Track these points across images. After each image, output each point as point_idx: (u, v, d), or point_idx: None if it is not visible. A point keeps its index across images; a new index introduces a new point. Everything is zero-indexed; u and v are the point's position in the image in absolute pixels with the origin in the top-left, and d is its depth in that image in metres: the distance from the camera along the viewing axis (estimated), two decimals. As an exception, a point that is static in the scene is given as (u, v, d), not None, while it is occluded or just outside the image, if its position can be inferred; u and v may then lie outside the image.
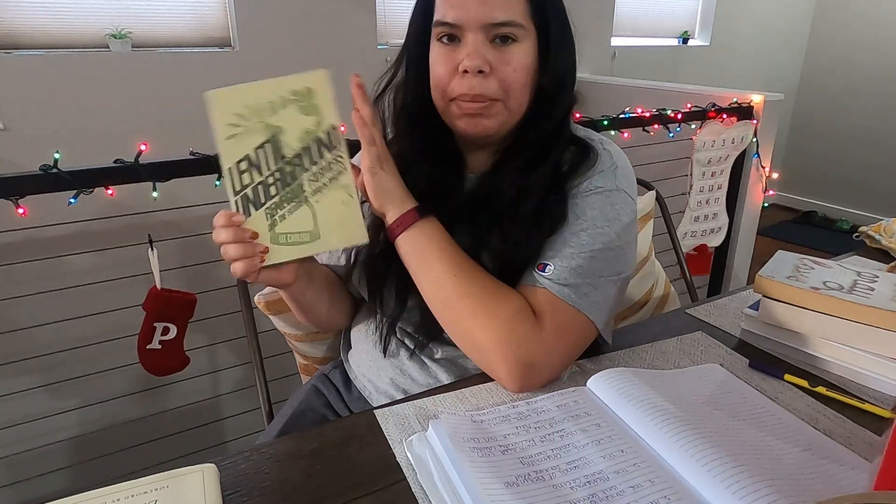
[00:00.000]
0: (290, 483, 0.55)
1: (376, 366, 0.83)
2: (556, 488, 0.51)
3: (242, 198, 0.67)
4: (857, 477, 0.53)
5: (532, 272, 0.69)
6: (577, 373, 0.71)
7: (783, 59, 4.05)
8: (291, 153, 0.67)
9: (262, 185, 0.67)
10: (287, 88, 0.67)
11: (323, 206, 0.68)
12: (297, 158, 0.67)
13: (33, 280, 1.63)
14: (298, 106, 0.67)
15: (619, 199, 0.72)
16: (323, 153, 0.68)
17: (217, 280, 1.62)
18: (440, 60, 0.71)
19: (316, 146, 0.67)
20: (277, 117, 0.67)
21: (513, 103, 0.72)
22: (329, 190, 0.68)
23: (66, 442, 1.85)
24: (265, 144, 0.67)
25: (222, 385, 2.07)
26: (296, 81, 0.68)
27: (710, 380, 0.69)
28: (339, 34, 2.26)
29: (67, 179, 1.13)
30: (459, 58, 0.69)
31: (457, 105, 0.71)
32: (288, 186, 0.67)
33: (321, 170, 0.68)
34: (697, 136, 1.93)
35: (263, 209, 0.67)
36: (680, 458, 0.53)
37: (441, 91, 0.72)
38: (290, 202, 0.68)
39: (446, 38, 0.71)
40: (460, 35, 0.70)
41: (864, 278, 0.76)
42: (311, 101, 0.67)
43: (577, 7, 0.81)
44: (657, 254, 1.36)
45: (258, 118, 0.67)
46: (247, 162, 0.67)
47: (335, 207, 0.68)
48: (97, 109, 1.92)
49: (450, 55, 0.70)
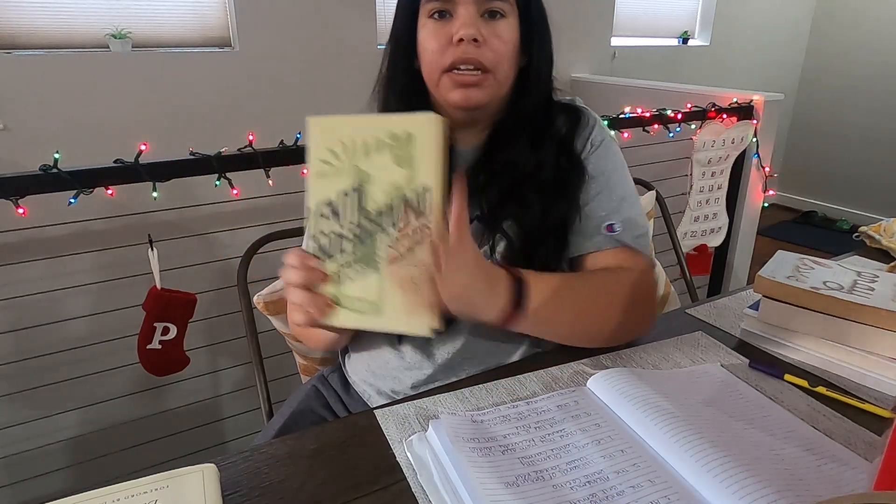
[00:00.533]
0: (290, 483, 0.55)
1: (374, 372, 0.82)
2: (556, 488, 0.51)
3: (315, 243, 0.62)
4: (857, 477, 0.53)
5: (603, 234, 0.77)
6: (577, 373, 0.71)
7: (783, 59, 4.05)
8: (374, 208, 0.60)
9: (337, 236, 0.61)
10: (387, 130, 0.59)
11: (393, 281, 0.60)
12: (379, 216, 0.60)
13: (33, 280, 1.63)
14: (393, 153, 0.58)
15: (615, 146, 0.82)
16: (408, 217, 0.59)
17: (217, 280, 1.63)
18: (433, 35, 0.73)
19: (401, 206, 0.59)
20: (369, 162, 0.59)
21: (501, 76, 0.75)
22: (404, 263, 0.59)
23: (66, 442, 1.85)
24: (350, 192, 0.60)
25: (222, 385, 2.07)
26: (399, 123, 0.59)
27: (710, 380, 0.69)
28: (339, 34, 2.26)
29: (67, 179, 1.13)
30: (453, 29, 0.72)
31: (450, 77, 0.74)
32: (363, 245, 0.60)
33: (403, 237, 0.59)
34: (697, 136, 1.93)
35: (336, 264, 0.62)
36: (680, 458, 0.53)
37: (434, 63, 0.74)
38: (360, 263, 0.60)
39: (437, 14, 0.73)
40: (452, 10, 0.73)
41: (864, 278, 0.76)
42: (409, 150, 0.58)
43: (577, 7, 0.82)
44: (657, 254, 1.36)
45: (350, 159, 0.60)
46: (329, 207, 0.61)
47: (406, 290, 0.60)
48: (97, 109, 1.92)
49: (442, 28, 0.73)
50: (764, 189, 2.15)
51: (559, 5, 0.80)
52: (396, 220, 0.59)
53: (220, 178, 1.29)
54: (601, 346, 0.75)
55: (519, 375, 0.71)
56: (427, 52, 0.74)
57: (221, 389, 2.06)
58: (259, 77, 2.15)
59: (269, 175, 1.34)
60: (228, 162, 1.29)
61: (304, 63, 2.18)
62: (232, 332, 1.53)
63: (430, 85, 0.77)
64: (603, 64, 3.06)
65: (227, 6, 2.13)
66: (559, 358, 0.75)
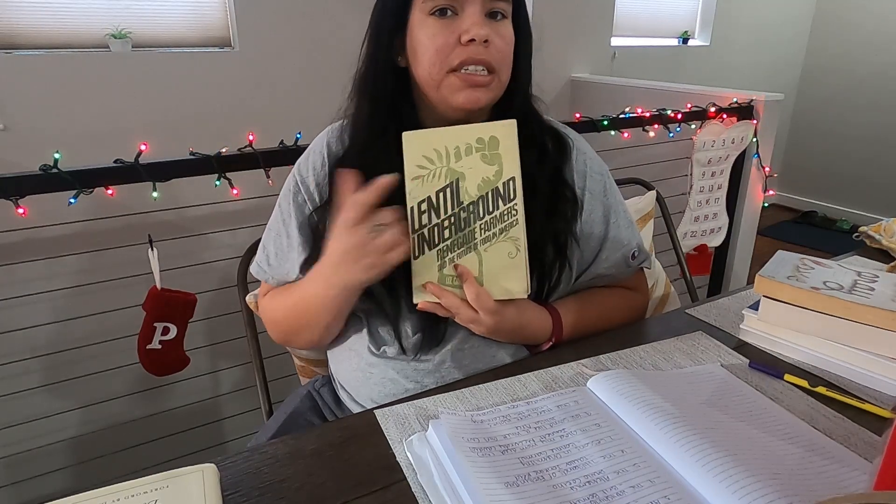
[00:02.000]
0: (290, 483, 0.55)
1: (360, 386, 0.81)
2: (556, 488, 0.51)
3: (419, 237, 0.70)
4: (857, 477, 0.53)
5: (631, 263, 0.86)
6: (577, 373, 0.71)
7: (783, 59, 4.05)
8: (469, 200, 0.70)
9: (437, 227, 0.70)
10: (474, 136, 0.69)
11: (490, 256, 0.70)
12: (473, 206, 0.70)
13: (33, 280, 1.63)
14: (482, 154, 0.69)
15: (606, 167, 0.87)
16: (498, 203, 0.69)
17: (217, 280, 1.63)
18: (437, 33, 0.71)
19: (492, 196, 0.69)
20: (461, 164, 0.69)
21: (504, 77, 0.75)
22: (498, 241, 0.70)
23: (66, 442, 1.85)
24: (446, 188, 0.70)
25: (222, 385, 2.07)
26: (484, 130, 0.69)
27: (710, 380, 0.69)
28: (339, 34, 2.26)
29: (67, 179, 1.13)
30: (462, 27, 0.70)
31: (459, 77, 0.72)
32: (461, 232, 0.70)
33: (494, 220, 0.70)
34: (697, 136, 1.93)
35: (436, 250, 0.70)
36: (680, 458, 0.53)
37: (438, 63, 0.72)
38: (460, 247, 0.70)
39: (439, 12, 0.71)
40: (457, 8, 0.71)
41: (864, 278, 0.76)
42: (495, 150, 0.69)
43: (577, 7, 0.82)
44: (657, 254, 1.36)
45: (444, 163, 0.69)
46: (427, 203, 0.70)
47: (501, 258, 0.70)
48: (97, 109, 1.92)
49: (448, 27, 0.71)
50: (764, 189, 2.15)
51: (559, 5, 0.80)
52: (489, 206, 0.70)
53: (220, 178, 1.29)
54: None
55: (519, 375, 0.71)
56: (429, 51, 0.72)
57: (221, 389, 2.06)
58: (259, 77, 2.15)
59: (269, 175, 1.34)
60: (228, 162, 1.29)
61: (304, 63, 2.18)
62: (232, 332, 1.53)
63: (427, 85, 0.74)
64: (603, 64, 3.06)
65: (227, 6, 2.13)
66: (559, 358, 0.75)
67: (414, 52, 0.74)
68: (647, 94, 2.40)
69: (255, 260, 0.87)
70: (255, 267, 0.87)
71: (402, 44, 0.75)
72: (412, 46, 0.74)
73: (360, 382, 0.82)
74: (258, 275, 0.87)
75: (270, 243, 0.84)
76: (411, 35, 0.73)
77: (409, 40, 0.74)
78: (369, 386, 0.80)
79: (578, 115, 1.76)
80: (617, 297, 0.89)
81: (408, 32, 0.74)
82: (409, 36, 0.74)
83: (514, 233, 0.70)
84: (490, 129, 0.69)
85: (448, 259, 0.70)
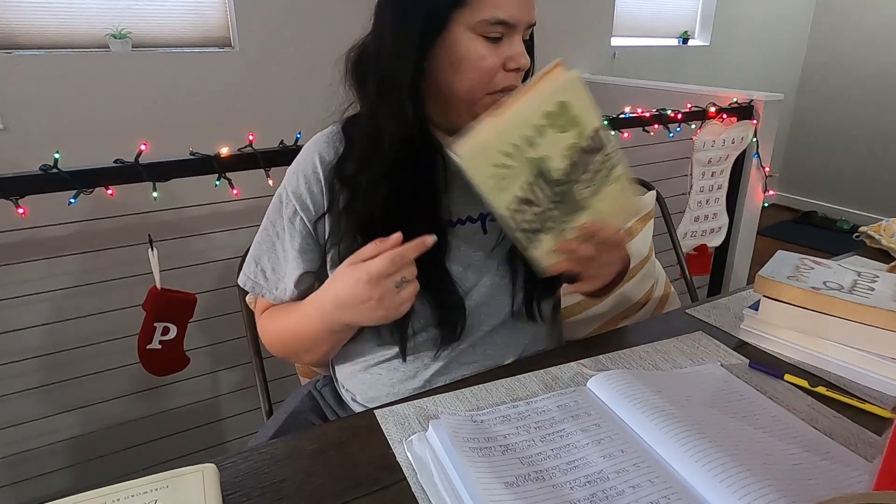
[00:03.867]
0: (290, 483, 0.55)
1: (367, 387, 0.82)
2: (556, 488, 0.51)
3: (523, 232, 0.66)
4: (857, 477, 0.53)
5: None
6: (577, 373, 0.71)
7: (783, 59, 4.05)
8: (561, 174, 0.64)
9: (538, 215, 0.66)
10: (538, 112, 0.61)
11: (603, 202, 0.68)
12: (567, 175, 0.65)
13: (33, 280, 1.63)
14: (556, 127, 0.62)
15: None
16: (591, 159, 0.65)
17: (217, 280, 1.62)
18: (488, 56, 0.70)
19: (583, 155, 0.65)
20: (537, 149, 0.62)
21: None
22: (606, 186, 0.68)
23: (66, 442, 1.84)
24: (532, 182, 0.64)
25: (222, 385, 2.06)
26: (545, 100, 0.61)
27: (710, 380, 0.69)
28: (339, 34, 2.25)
29: (67, 179, 1.13)
30: (508, 53, 0.71)
31: (492, 98, 0.72)
32: (565, 204, 0.66)
33: (594, 173, 0.66)
34: (697, 136, 1.93)
35: (550, 233, 0.67)
36: (680, 459, 0.53)
37: (481, 83, 0.71)
38: (573, 213, 0.67)
39: (495, 35, 0.70)
40: (509, 33, 0.71)
41: (864, 278, 0.76)
42: (568, 115, 0.62)
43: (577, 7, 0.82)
44: (657, 254, 1.36)
45: (517, 160, 0.62)
46: (517, 202, 0.64)
47: (614, 197, 0.69)
48: (97, 109, 1.91)
49: (496, 51, 0.71)
50: (764, 189, 2.15)
51: (559, 5, 0.80)
52: (584, 166, 0.65)
53: (220, 178, 1.29)
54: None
55: (519, 375, 0.71)
56: (476, 72, 0.70)
57: (221, 389, 2.05)
58: (259, 77, 2.14)
59: (269, 175, 1.34)
60: (228, 162, 1.29)
61: (304, 63, 2.18)
62: (232, 332, 1.53)
63: (461, 100, 0.73)
64: (603, 64, 3.06)
65: (227, 6, 2.13)
66: (559, 358, 0.75)
67: (454, 66, 0.71)
68: (647, 94, 2.40)
69: (243, 272, 0.84)
70: (244, 279, 0.84)
71: (430, 48, 0.72)
72: (453, 59, 0.71)
73: (367, 385, 0.82)
74: (250, 288, 0.84)
75: (264, 257, 0.82)
76: (451, 47, 0.71)
77: (448, 52, 0.71)
78: (377, 388, 0.81)
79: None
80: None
81: (446, 42, 0.71)
82: (449, 47, 0.71)
83: (617, 171, 0.68)
84: (551, 94, 0.61)
85: (567, 228, 0.67)
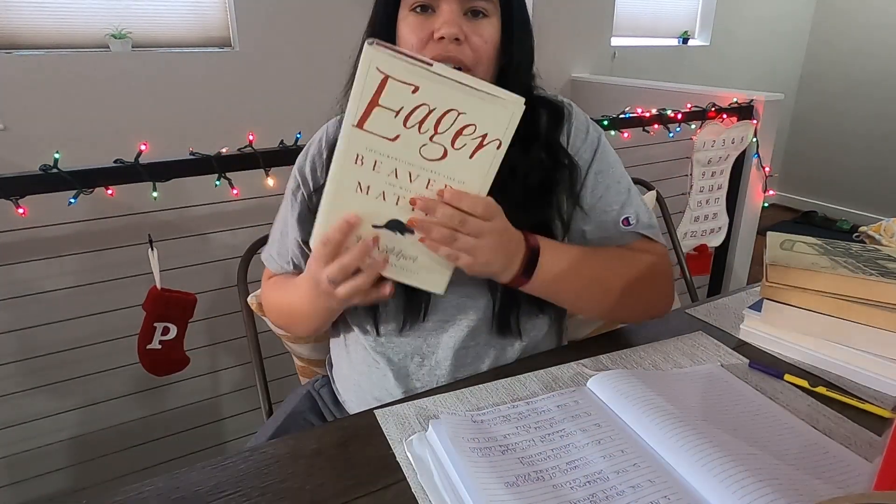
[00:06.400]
0: (290, 483, 0.55)
1: (362, 388, 0.82)
2: (556, 488, 0.51)
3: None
4: (857, 477, 0.53)
5: (620, 227, 0.80)
6: (577, 373, 0.71)
7: (783, 59, 4.05)
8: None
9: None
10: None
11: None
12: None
13: (33, 280, 1.63)
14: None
15: (605, 138, 0.85)
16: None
17: (217, 280, 1.62)
18: (413, 29, 0.72)
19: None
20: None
21: (481, 74, 0.74)
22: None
23: (66, 442, 1.84)
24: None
25: (222, 385, 2.06)
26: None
27: (710, 380, 0.69)
28: (339, 34, 2.26)
29: (67, 179, 1.13)
30: (434, 26, 0.71)
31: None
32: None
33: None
34: (697, 136, 1.93)
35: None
36: (680, 458, 0.53)
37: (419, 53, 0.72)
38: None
39: (419, 8, 0.72)
40: (434, 5, 0.72)
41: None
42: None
43: (577, 7, 0.81)
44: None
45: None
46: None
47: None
48: (97, 109, 1.92)
49: (423, 24, 0.72)
50: (764, 189, 2.15)
51: (559, 5, 0.80)
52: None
53: (220, 178, 1.29)
54: (618, 320, 0.84)
55: (519, 375, 0.71)
56: (407, 46, 0.73)
57: (221, 389, 2.06)
58: (259, 77, 2.15)
59: (269, 175, 1.34)
60: (228, 162, 1.29)
61: (304, 63, 2.18)
62: (232, 332, 1.53)
63: None
64: (603, 64, 3.06)
65: (227, 6, 2.13)
66: (559, 358, 0.75)
67: (401, 43, 0.75)
68: (647, 94, 2.40)
69: (265, 248, 0.91)
70: (265, 255, 0.91)
71: (393, 39, 0.76)
72: (398, 42, 0.75)
73: (357, 385, 0.82)
74: (267, 263, 0.90)
75: (277, 229, 0.88)
76: (398, 30, 0.75)
77: (397, 35, 0.75)
78: (371, 382, 0.81)
79: (578, 115, 1.76)
80: (621, 249, 0.81)
81: (400, 24, 0.75)
82: (398, 32, 0.75)
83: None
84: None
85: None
